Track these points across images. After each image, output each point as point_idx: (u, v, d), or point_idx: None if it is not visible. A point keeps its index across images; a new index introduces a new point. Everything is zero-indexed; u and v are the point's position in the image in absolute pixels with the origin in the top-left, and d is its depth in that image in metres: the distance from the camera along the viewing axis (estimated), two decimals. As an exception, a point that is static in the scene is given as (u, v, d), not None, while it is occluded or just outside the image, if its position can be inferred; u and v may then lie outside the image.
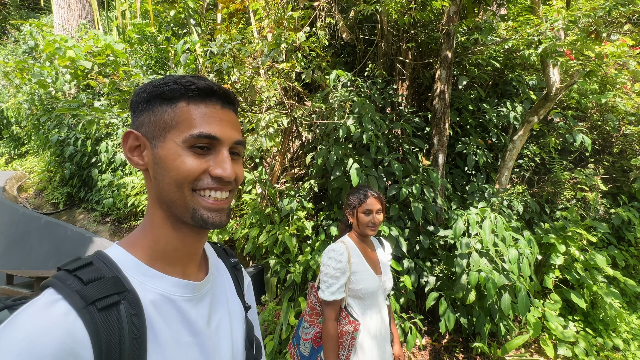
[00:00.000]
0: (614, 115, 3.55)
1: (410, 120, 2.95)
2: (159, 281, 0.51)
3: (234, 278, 0.68)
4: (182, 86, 0.50)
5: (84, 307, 0.41)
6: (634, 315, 3.27)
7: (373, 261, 1.47)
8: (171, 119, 0.50)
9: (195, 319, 0.53)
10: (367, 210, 1.42)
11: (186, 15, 3.30)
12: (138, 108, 0.52)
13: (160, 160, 0.50)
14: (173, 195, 0.50)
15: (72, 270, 0.44)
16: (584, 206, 3.40)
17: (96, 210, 4.89)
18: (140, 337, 0.44)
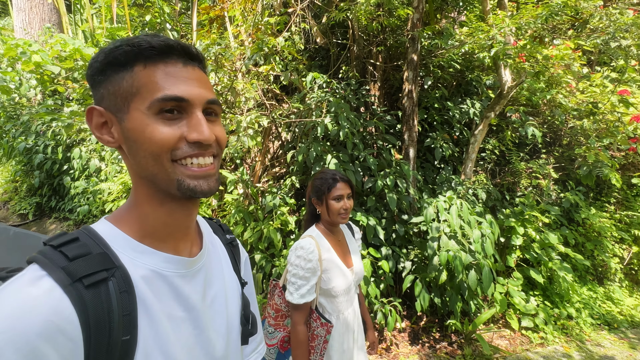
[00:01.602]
0: (561, 111, 3.99)
1: (382, 118, 3.18)
2: (149, 257, 0.49)
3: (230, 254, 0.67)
4: (135, 47, 0.44)
5: (70, 284, 0.39)
6: (585, 287, 3.68)
7: (344, 253, 1.36)
8: (130, 86, 0.45)
9: (189, 294, 0.51)
10: (338, 195, 1.28)
11: (162, 20, 3.34)
12: (94, 80, 0.47)
13: (129, 133, 0.45)
14: (152, 169, 0.46)
15: (57, 246, 0.42)
16: (539, 192, 3.78)
17: (69, 219, 4.74)
18: (131, 314, 0.43)
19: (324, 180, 1.32)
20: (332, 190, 1.29)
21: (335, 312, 1.28)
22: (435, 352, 2.91)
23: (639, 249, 3.64)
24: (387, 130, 3.40)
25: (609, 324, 3.32)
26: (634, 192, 3.83)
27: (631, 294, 3.74)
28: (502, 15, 2.32)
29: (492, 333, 3.16)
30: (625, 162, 3.82)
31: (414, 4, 2.78)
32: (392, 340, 3.05)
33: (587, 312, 3.39)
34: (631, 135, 3.75)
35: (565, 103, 3.73)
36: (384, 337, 3.01)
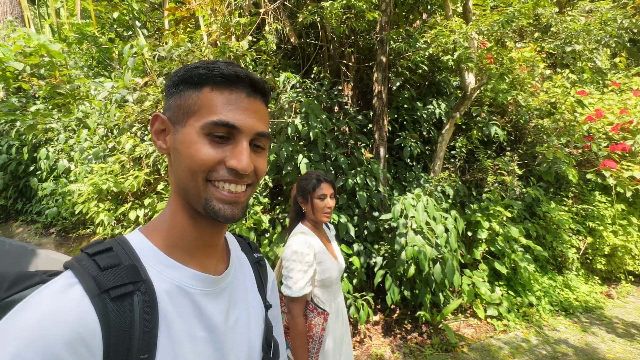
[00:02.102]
0: (525, 110, 4.21)
1: (354, 118, 3.26)
2: (176, 271, 0.49)
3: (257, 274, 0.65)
4: (209, 71, 0.48)
5: (98, 294, 0.40)
6: (546, 277, 3.93)
7: (329, 247, 1.46)
8: (194, 104, 0.48)
9: (212, 314, 0.51)
10: (322, 195, 1.39)
11: (131, 17, 3.27)
12: (168, 92, 0.52)
13: (178, 144, 0.49)
14: (187, 183, 0.48)
15: (92, 255, 0.43)
16: (504, 188, 3.99)
17: (37, 222, 4.57)
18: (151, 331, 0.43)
19: (309, 180, 1.42)
20: (316, 190, 1.39)
21: (328, 301, 1.38)
22: (406, 343, 3.04)
23: (593, 240, 3.92)
24: (360, 130, 3.48)
25: (566, 310, 3.57)
26: (589, 186, 4.11)
27: (587, 281, 4.03)
28: (459, 22, 2.44)
29: (459, 322, 3.33)
30: (581, 158, 4.08)
31: (382, 7, 2.87)
32: (365, 332, 3.15)
33: (546, 300, 3.62)
34: (586, 134, 4.01)
35: (527, 103, 3.95)
36: (357, 330, 3.11)
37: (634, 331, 3.12)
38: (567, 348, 2.87)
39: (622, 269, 4.05)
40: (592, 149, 3.83)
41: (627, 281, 4.16)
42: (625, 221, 3.90)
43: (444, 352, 2.85)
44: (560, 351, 2.82)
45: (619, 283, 4.16)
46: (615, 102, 4.42)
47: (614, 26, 2.56)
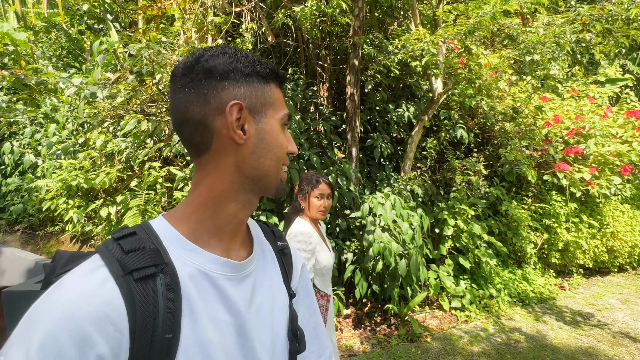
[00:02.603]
0: (491, 114, 4.46)
1: (328, 119, 3.36)
2: (198, 256, 0.50)
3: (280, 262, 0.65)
4: (271, 69, 0.53)
5: (122, 275, 0.42)
6: (506, 270, 4.21)
7: (323, 239, 1.61)
8: (270, 97, 0.53)
9: (235, 298, 0.51)
10: (319, 194, 1.53)
11: (102, 9, 3.20)
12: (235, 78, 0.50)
13: (265, 135, 0.52)
14: (270, 170, 0.53)
15: (117, 239, 0.45)
16: (470, 187, 4.22)
17: (1, 218, 4.38)
18: (175, 312, 0.44)
19: (308, 180, 1.57)
20: (314, 190, 1.53)
21: (324, 288, 1.52)
22: (375, 334, 3.20)
23: (549, 236, 4.23)
24: (335, 130, 3.59)
25: (523, 301, 3.85)
26: (547, 187, 4.42)
27: (543, 274, 4.35)
28: (424, 31, 2.59)
29: (425, 314, 3.53)
30: (540, 160, 4.38)
31: (355, 12, 2.97)
32: (337, 325, 3.28)
33: (506, 292, 3.89)
34: (544, 138, 4.31)
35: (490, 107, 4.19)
36: (328, 324, 3.24)
37: (579, 319, 3.43)
38: (520, 335, 3.12)
39: (574, 262, 4.40)
40: (549, 152, 4.12)
41: (578, 274, 4.53)
42: (577, 219, 4.23)
43: (409, 342, 3.02)
44: (513, 338, 3.07)
45: (572, 276, 4.52)
46: (573, 108, 4.76)
47: (565, 39, 2.78)
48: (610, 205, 4.43)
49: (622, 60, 6.46)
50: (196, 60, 0.50)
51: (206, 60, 0.50)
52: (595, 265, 4.57)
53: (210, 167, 0.52)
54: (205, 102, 0.49)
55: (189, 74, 0.50)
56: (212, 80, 0.49)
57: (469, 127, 4.61)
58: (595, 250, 4.36)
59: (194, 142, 0.51)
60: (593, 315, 3.50)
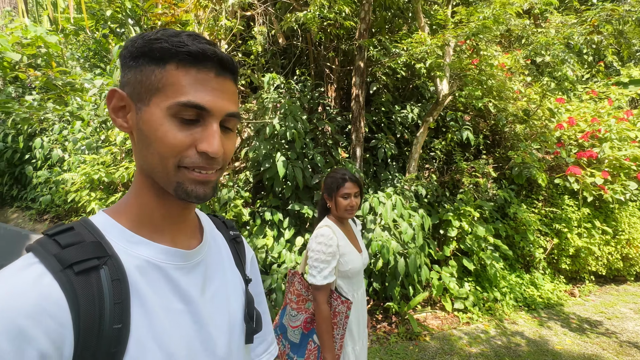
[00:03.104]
0: (503, 116, 4.40)
1: (333, 119, 3.44)
2: (145, 248, 0.49)
3: (234, 250, 0.66)
4: (172, 46, 0.45)
5: (61, 270, 0.40)
6: (514, 274, 4.15)
7: (354, 240, 1.52)
8: (158, 81, 0.45)
9: (187, 287, 0.51)
10: (345, 194, 1.44)
11: (124, 14, 3.42)
12: (125, 63, 0.48)
13: (143, 125, 0.46)
14: (155, 167, 0.47)
15: (52, 235, 0.44)
16: (478, 189, 4.19)
17: (32, 208, 4.74)
18: (122, 303, 0.43)
19: (334, 179, 1.48)
20: (340, 189, 1.45)
21: (351, 292, 1.46)
22: (375, 331, 3.26)
23: (559, 241, 4.14)
24: (341, 130, 3.67)
25: (528, 306, 3.80)
26: (559, 190, 4.32)
27: (552, 280, 4.26)
28: (424, 35, 2.62)
29: (426, 314, 3.56)
30: (553, 164, 4.28)
31: (361, 15, 3.03)
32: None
33: (511, 296, 3.85)
34: (557, 141, 4.21)
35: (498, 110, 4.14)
36: (329, 318, 3.33)
37: (586, 326, 3.36)
38: (521, 339, 3.10)
39: (586, 269, 4.28)
40: (561, 155, 4.03)
41: (590, 281, 4.40)
42: (589, 224, 4.12)
43: (408, 340, 3.07)
44: (514, 342, 3.05)
45: (583, 283, 4.39)
46: (590, 111, 4.62)
47: (575, 41, 2.73)
48: (626, 212, 4.28)
49: (649, 60, 6.16)
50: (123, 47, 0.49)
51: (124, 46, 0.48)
52: (610, 273, 4.42)
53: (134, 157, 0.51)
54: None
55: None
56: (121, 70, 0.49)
57: (480, 128, 4.57)
58: (608, 258, 4.22)
59: None
60: (601, 324, 3.42)
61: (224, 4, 2.51)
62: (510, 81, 4.02)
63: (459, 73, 3.50)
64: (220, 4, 2.53)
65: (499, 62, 4.05)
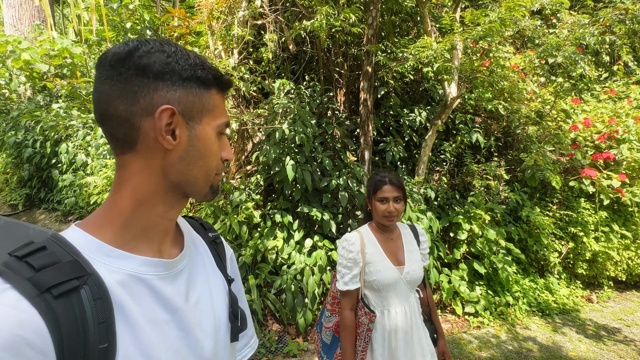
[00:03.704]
0: (516, 117, 4.34)
1: (342, 123, 3.50)
2: (125, 261, 0.48)
3: (214, 252, 0.66)
4: (215, 74, 0.52)
5: (38, 295, 0.38)
6: (527, 279, 4.07)
7: (394, 251, 1.39)
8: (207, 103, 0.51)
9: (171, 296, 0.51)
10: (383, 198, 1.34)
11: (142, 27, 3.60)
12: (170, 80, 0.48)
13: (197, 142, 0.51)
14: (199, 177, 0.52)
15: (22, 257, 0.41)
16: (490, 192, 4.14)
17: (58, 210, 5.02)
18: (107, 321, 0.42)
19: (373, 181, 1.40)
20: (377, 192, 1.35)
21: (379, 307, 1.33)
22: (384, 333, 3.28)
23: (574, 245, 4.03)
24: (349, 134, 3.72)
25: (542, 311, 3.72)
26: (575, 193, 4.21)
27: (568, 285, 4.15)
28: (429, 40, 2.65)
29: (436, 317, 3.54)
30: (567, 166, 4.19)
31: (368, 22, 3.09)
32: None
33: (524, 300, 3.78)
34: (571, 143, 4.12)
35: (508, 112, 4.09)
36: (338, 320, 3.37)
37: (603, 333, 3.26)
38: (534, 345, 3.05)
39: (604, 274, 4.15)
40: (576, 157, 3.94)
41: (609, 287, 4.26)
42: (607, 228, 4.00)
43: (416, 343, 3.07)
44: (526, 347, 3.01)
45: (602, 288, 4.26)
46: (608, 111, 4.49)
47: (587, 41, 2.70)
48: (647, 215, 4.12)
49: (672, 57, 5.91)
50: (129, 53, 0.47)
51: (140, 55, 0.47)
52: (630, 278, 4.26)
53: (135, 167, 0.49)
54: (133, 100, 0.46)
55: (118, 66, 0.46)
56: (145, 79, 0.47)
57: (491, 131, 4.52)
58: (628, 263, 4.08)
59: (116, 137, 0.48)
60: (620, 331, 3.31)
61: (236, 15, 2.63)
62: (523, 82, 3.97)
63: (469, 75, 3.50)
64: (232, 14, 2.65)
65: (511, 64, 4.01)
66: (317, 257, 3.03)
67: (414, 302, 1.39)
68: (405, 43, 3.05)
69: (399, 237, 1.44)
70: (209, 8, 2.40)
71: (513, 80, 4.27)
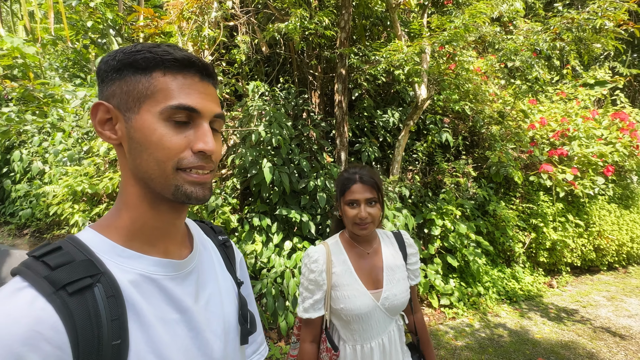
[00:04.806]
0: (481, 117, 4.61)
1: (318, 125, 3.53)
2: (137, 261, 0.49)
3: (224, 255, 0.67)
4: (157, 55, 0.47)
5: (54, 292, 0.40)
6: (496, 269, 4.33)
7: (370, 270, 1.10)
8: (146, 89, 0.47)
9: (181, 296, 0.52)
10: (352, 200, 1.05)
11: (105, 26, 3.42)
12: (107, 77, 0.48)
13: (135, 133, 0.47)
14: (152, 172, 0.48)
15: (39, 257, 0.43)
16: (460, 189, 4.36)
17: (11, 223, 4.61)
18: (120, 319, 0.44)
19: (340, 180, 1.12)
20: (346, 193, 1.07)
21: (349, 341, 1.06)
22: (365, 331, 3.34)
23: (536, 235, 4.35)
24: (325, 135, 3.76)
25: (510, 299, 3.97)
26: (535, 187, 4.54)
27: (532, 273, 4.46)
28: (400, 44, 2.76)
29: (414, 311, 3.66)
30: (527, 162, 4.51)
31: (340, 25, 3.15)
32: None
33: (494, 290, 4.01)
34: (530, 140, 4.45)
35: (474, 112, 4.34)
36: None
37: (564, 315, 3.54)
38: (504, 331, 3.24)
39: (562, 261, 4.50)
40: (535, 154, 4.26)
41: (567, 272, 4.63)
42: (563, 218, 4.35)
43: (397, 337, 3.16)
44: (497, 333, 3.19)
45: (560, 274, 4.62)
46: (560, 111, 4.89)
47: (540, 47, 2.93)
48: (596, 205, 4.54)
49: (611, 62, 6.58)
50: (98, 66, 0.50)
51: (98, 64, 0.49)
52: (584, 263, 4.66)
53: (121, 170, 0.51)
54: None
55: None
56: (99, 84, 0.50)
57: (459, 130, 4.76)
58: (582, 249, 4.46)
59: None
60: (577, 312, 3.61)
61: (207, 16, 2.57)
62: (485, 84, 4.23)
63: (437, 78, 3.67)
64: (203, 15, 2.60)
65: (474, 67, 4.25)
66: (298, 259, 3.03)
67: (395, 332, 1.10)
68: (377, 46, 3.14)
69: (377, 251, 1.14)
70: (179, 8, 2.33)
71: (476, 83, 4.54)
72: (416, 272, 1.18)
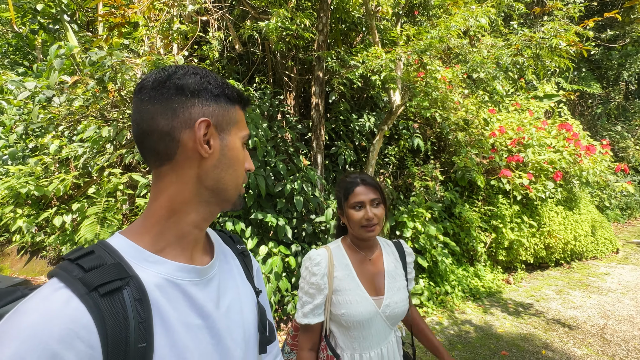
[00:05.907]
0: (447, 124, 4.86)
1: (294, 127, 3.49)
2: (162, 266, 0.51)
3: (242, 264, 0.69)
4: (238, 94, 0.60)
5: (87, 293, 0.42)
6: (460, 268, 4.57)
7: (372, 277, 1.10)
8: (234, 117, 0.58)
9: (203, 302, 0.54)
10: (357, 202, 1.07)
11: (58, 10, 3.08)
12: (203, 96, 0.54)
13: (229, 151, 0.56)
14: (230, 183, 0.57)
15: (74, 260, 0.45)
16: (428, 192, 4.55)
17: None
18: (146, 322, 0.45)
19: (342, 186, 1.13)
20: (349, 197, 1.08)
21: (348, 349, 1.04)
22: (340, 334, 3.33)
23: (496, 236, 4.67)
24: (301, 138, 3.72)
25: (474, 296, 4.21)
26: (495, 191, 4.88)
27: (492, 271, 4.78)
28: (380, 50, 2.83)
29: (387, 312, 3.74)
30: (489, 167, 4.84)
31: (319, 28, 3.14)
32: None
33: (459, 288, 4.23)
34: (491, 147, 4.77)
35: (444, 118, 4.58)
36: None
37: (521, 309, 3.83)
38: (470, 327, 3.42)
39: (518, 259, 4.88)
40: (495, 160, 4.57)
41: (521, 269, 5.03)
42: (519, 220, 4.72)
43: (371, 339, 3.20)
44: (464, 330, 3.36)
45: (516, 271, 5.00)
46: (515, 121, 5.32)
47: (503, 61, 3.16)
48: (546, 207, 4.99)
49: (557, 78, 7.31)
50: (168, 76, 0.53)
51: (178, 77, 0.54)
52: (536, 260, 5.10)
53: (172, 177, 0.54)
54: (173, 116, 0.52)
55: (160, 88, 0.52)
56: (183, 97, 0.53)
57: (427, 136, 4.98)
58: (535, 248, 4.87)
59: (156, 151, 0.53)
60: (532, 306, 3.93)
61: (181, 9, 2.42)
62: (451, 93, 4.47)
63: (409, 85, 3.80)
64: (177, 7, 2.44)
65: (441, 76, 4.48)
66: (273, 264, 2.95)
67: (394, 343, 1.09)
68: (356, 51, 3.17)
69: (379, 257, 1.14)
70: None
71: (443, 91, 4.79)
72: (412, 281, 1.22)
